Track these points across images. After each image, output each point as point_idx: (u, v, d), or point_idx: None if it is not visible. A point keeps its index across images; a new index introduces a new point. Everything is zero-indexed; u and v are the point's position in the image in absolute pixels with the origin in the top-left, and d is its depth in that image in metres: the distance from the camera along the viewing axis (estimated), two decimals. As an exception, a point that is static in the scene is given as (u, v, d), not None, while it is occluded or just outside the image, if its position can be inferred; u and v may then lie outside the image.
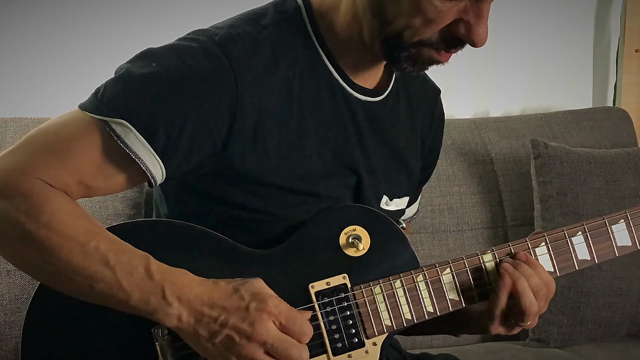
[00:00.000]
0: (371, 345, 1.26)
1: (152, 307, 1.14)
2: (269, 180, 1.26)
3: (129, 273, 1.13)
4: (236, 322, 1.14)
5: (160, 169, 1.21)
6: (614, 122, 2.54)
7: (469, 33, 1.20)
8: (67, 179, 1.17)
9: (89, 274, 1.13)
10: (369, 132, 1.36)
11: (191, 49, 1.22)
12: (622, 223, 1.35)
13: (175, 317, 1.14)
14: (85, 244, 1.13)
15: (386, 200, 1.40)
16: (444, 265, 1.29)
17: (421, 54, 1.23)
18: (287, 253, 1.28)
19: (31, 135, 1.19)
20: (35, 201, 1.13)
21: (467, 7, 1.19)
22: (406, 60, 1.24)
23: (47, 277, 1.17)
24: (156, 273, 1.14)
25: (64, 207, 1.14)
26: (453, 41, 1.22)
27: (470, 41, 1.21)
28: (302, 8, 1.31)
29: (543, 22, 2.66)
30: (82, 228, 1.14)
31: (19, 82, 2.17)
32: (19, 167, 1.15)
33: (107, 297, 1.15)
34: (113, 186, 1.22)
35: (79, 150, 1.18)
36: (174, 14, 2.26)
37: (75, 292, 1.16)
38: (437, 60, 1.25)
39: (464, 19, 1.20)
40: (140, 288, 1.14)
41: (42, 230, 1.12)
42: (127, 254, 1.15)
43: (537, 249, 1.32)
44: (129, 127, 1.17)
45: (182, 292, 1.14)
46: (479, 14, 1.19)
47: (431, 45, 1.22)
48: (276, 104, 1.25)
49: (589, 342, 2.23)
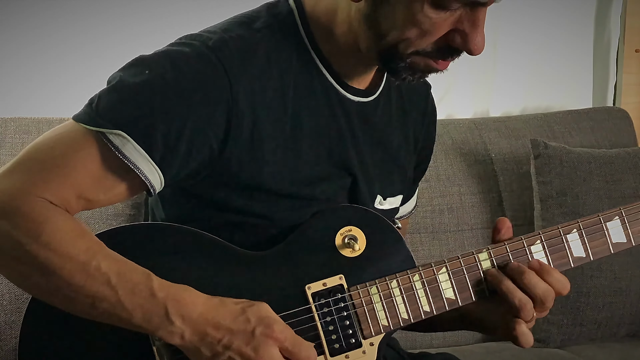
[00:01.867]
0: (368, 346, 1.26)
1: (154, 325, 1.13)
2: (267, 184, 1.26)
3: (131, 292, 1.12)
4: (240, 346, 1.14)
5: (159, 177, 1.20)
6: (614, 122, 2.54)
7: (465, 42, 1.19)
8: (67, 195, 1.16)
9: (91, 293, 1.12)
10: (362, 133, 1.36)
11: (184, 55, 1.22)
12: (617, 220, 1.35)
13: (178, 335, 1.14)
14: (86, 263, 1.12)
15: (380, 200, 1.40)
16: (440, 265, 1.29)
17: (418, 63, 1.23)
18: (283, 255, 1.27)
19: (28, 152, 1.18)
20: (35, 221, 1.12)
21: (462, 17, 1.18)
22: (404, 70, 1.24)
23: (49, 296, 1.16)
24: (158, 291, 1.13)
25: (64, 226, 1.13)
26: (449, 50, 1.21)
27: (468, 50, 1.20)
28: (295, 11, 1.30)
29: (543, 22, 2.66)
30: (83, 247, 1.13)
31: (19, 82, 2.17)
32: (19, 187, 1.14)
33: (109, 315, 1.14)
34: (112, 198, 1.21)
35: (77, 164, 1.17)
36: (174, 14, 2.26)
37: (77, 311, 1.16)
38: (434, 68, 1.24)
39: (460, 28, 1.19)
40: (142, 307, 1.13)
41: (43, 251, 1.11)
42: (129, 272, 1.14)
43: (532, 247, 1.32)
44: (127, 137, 1.16)
45: (186, 311, 1.13)
46: (474, 23, 1.18)
47: (427, 55, 1.22)
48: (271, 108, 1.25)
49: (589, 342, 2.23)
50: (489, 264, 1.31)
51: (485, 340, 2.28)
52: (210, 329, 1.14)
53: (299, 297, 1.25)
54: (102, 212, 1.95)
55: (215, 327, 1.14)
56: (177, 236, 1.25)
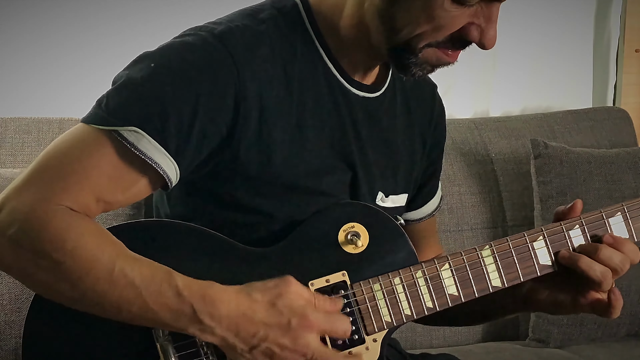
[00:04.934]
0: (371, 342, 1.26)
1: (183, 324, 1.13)
2: (275, 173, 1.26)
3: (156, 293, 1.12)
4: (277, 337, 1.14)
5: (175, 170, 1.20)
6: (614, 122, 2.54)
7: (480, 36, 1.21)
8: (86, 200, 1.15)
9: (115, 297, 1.12)
10: (366, 128, 1.36)
11: (189, 44, 1.22)
12: (619, 216, 1.35)
13: (209, 332, 1.13)
14: (109, 267, 1.12)
15: (382, 197, 1.40)
16: (443, 261, 1.29)
17: (429, 56, 1.23)
18: (286, 251, 1.27)
19: (41, 160, 1.17)
20: (58, 229, 1.11)
21: (478, 11, 1.19)
22: (414, 65, 1.24)
23: (76, 303, 1.16)
24: (184, 289, 1.12)
25: (86, 231, 1.13)
26: (461, 41, 1.22)
27: (481, 44, 1.22)
28: (300, 5, 1.31)
29: (543, 22, 2.67)
30: (107, 251, 1.13)
31: (19, 82, 2.17)
32: (39, 198, 1.13)
33: (137, 318, 1.14)
34: (131, 197, 1.21)
35: (93, 167, 1.16)
36: (176, 14, 2.26)
37: (105, 315, 1.15)
38: (446, 61, 1.25)
39: (475, 22, 1.20)
40: (169, 307, 1.12)
41: (69, 258, 1.11)
42: (151, 272, 1.13)
43: (535, 243, 1.32)
44: (141, 133, 1.16)
45: (214, 307, 1.13)
46: (489, 17, 1.20)
47: (438, 45, 1.22)
48: (277, 97, 1.25)
49: (589, 342, 2.23)
50: (492, 260, 1.30)
51: (485, 340, 2.29)
52: (243, 324, 1.13)
53: None
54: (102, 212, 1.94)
55: (248, 322, 1.13)
56: (179, 233, 1.25)
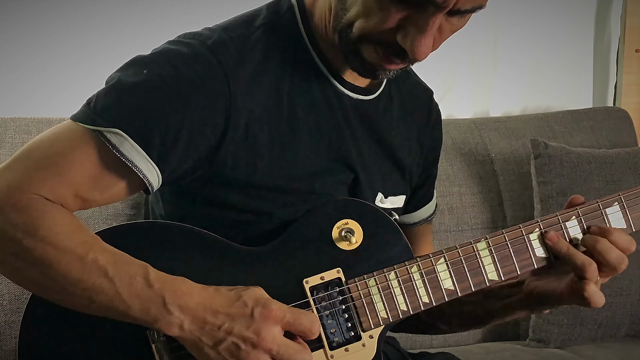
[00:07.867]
0: (368, 338, 1.26)
1: (152, 316, 1.13)
2: (263, 180, 1.26)
3: (128, 284, 1.12)
4: (241, 330, 1.13)
5: (157, 175, 1.20)
6: (614, 122, 2.54)
7: (406, 43, 1.17)
8: (63, 193, 1.16)
9: (88, 286, 1.12)
10: (361, 130, 1.36)
11: (182, 55, 1.22)
12: (616, 206, 1.33)
13: (176, 325, 1.13)
14: (82, 256, 1.12)
15: (381, 198, 1.40)
16: (438, 256, 1.29)
17: (365, 51, 1.22)
18: (281, 249, 1.27)
19: (25, 149, 1.18)
20: (31, 216, 1.12)
21: (411, 17, 1.16)
22: (352, 54, 1.23)
23: (46, 291, 1.16)
24: (155, 282, 1.13)
25: (60, 220, 1.14)
26: (395, 50, 1.19)
27: (410, 53, 1.18)
28: (295, 7, 1.31)
29: (543, 22, 2.67)
30: (79, 240, 1.13)
31: (19, 82, 2.18)
32: (16, 184, 1.14)
33: (107, 309, 1.14)
34: (109, 197, 1.21)
35: (75, 162, 1.17)
36: (174, 14, 2.26)
37: (75, 305, 1.15)
38: (379, 64, 1.22)
39: (407, 28, 1.17)
40: (140, 298, 1.12)
41: (39, 245, 1.11)
42: (126, 264, 1.14)
43: (531, 235, 1.31)
44: (124, 135, 1.16)
45: (183, 300, 1.13)
46: (420, 27, 1.15)
47: (374, 43, 1.20)
48: (267, 104, 1.25)
49: (589, 342, 2.23)
50: (487, 254, 1.30)
51: (485, 341, 2.28)
52: (209, 317, 1.13)
53: (297, 291, 1.25)
54: (102, 212, 1.95)
55: (213, 314, 1.13)
56: (174, 234, 1.25)
